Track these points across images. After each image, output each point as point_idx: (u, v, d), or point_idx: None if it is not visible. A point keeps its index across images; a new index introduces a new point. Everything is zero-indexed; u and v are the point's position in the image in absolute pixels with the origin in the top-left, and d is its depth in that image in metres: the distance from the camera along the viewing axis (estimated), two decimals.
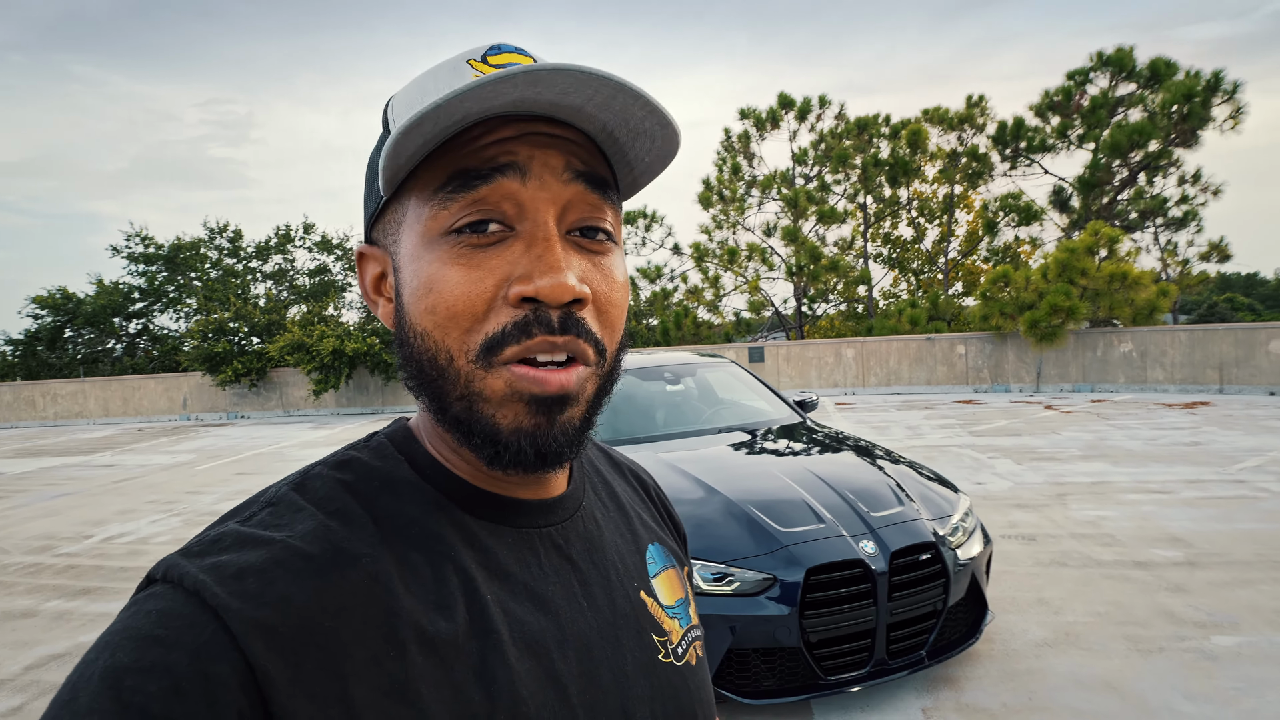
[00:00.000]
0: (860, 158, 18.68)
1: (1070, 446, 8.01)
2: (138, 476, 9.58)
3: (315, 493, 0.50)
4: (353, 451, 0.55)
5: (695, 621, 0.67)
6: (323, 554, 0.45)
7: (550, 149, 0.49)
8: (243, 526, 0.47)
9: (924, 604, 2.92)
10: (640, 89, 0.47)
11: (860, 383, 15.05)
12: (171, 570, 0.43)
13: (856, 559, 2.82)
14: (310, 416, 17.02)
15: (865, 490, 3.20)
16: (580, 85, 0.46)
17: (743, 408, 4.70)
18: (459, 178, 0.48)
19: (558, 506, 0.59)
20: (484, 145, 0.48)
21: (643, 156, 0.54)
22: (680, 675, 0.60)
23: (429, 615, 0.47)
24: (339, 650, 0.43)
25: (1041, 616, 3.70)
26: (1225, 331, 12.13)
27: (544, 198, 0.49)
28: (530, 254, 0.48)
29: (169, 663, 0.38)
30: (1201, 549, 4.54)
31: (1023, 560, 4.51)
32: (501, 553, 0.53)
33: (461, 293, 0.48)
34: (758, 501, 3.09)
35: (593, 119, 0.50)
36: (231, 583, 0.42)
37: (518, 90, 0.45)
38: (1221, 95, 15.20)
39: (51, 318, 22.01)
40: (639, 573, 0.63)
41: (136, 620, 0.41)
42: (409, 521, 0.51)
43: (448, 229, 0.49)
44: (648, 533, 0.68)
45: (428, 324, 0.49)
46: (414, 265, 0.50)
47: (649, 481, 0.77)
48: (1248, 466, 6.66)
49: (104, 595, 4.82)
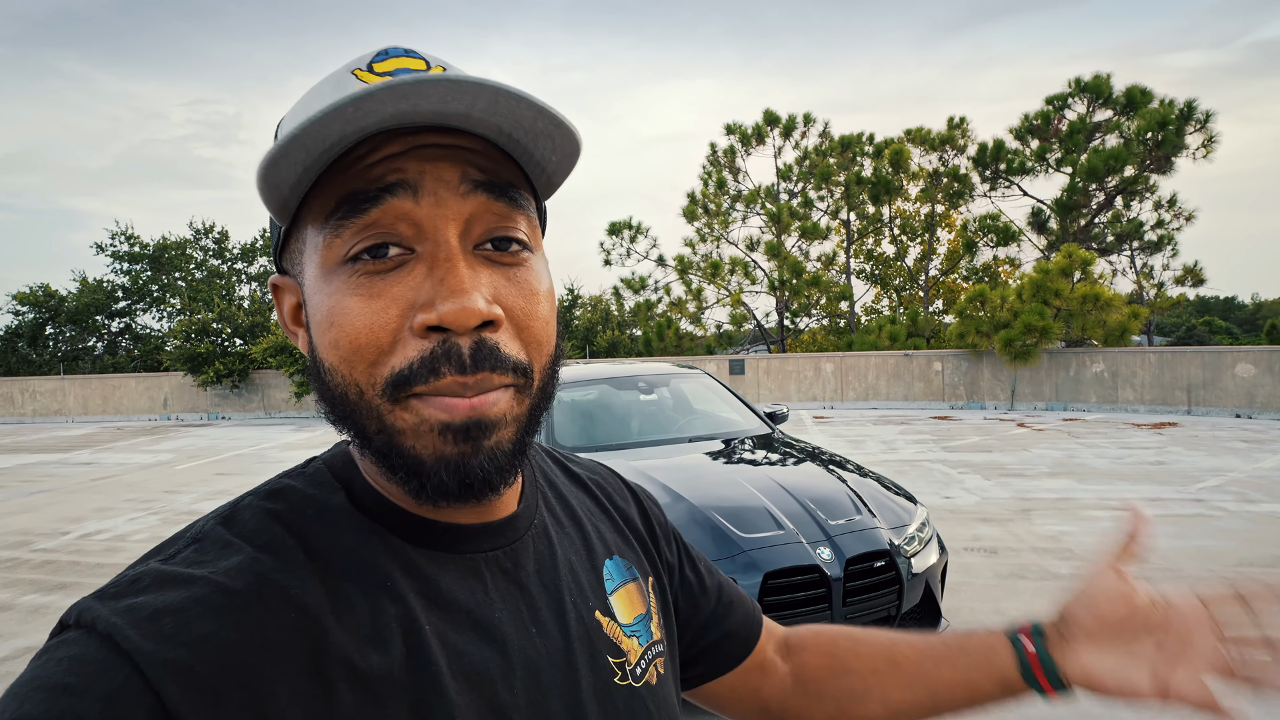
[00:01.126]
0: (843, 175, 18.97)
1: (1039, 464, 8.20)
2: (116, 475, 9.57)
3: (244, 525, 0.48)
4: (287, 480, 0.53)
5: (658, 636, 0.64)
6: (246, 588, 0.43)
7: (442, 161, 0.47)
8: (164, 565, 0.44)
9: (877, 610, 3.05)
10: (522, 91, 0.44)
11: (839, 397, 15.24)
12: (84, 615, 0.41)
13: (813, 564, 2.95)
14: (292, 419, 16.98)
15: (824, 499, 3.33)
16: (454, 92, 0.43)
17: (715, 418, 4.84)
18: (348, 202, 0.46)
19: (505, 528, 0.56)
20: (370, 165, 0.46)
21: (549, 156, 0.50)
22: (639, 697, 0.58)
23: (361, 649, 0.45)
24: (262, 689, 0.41)
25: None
26: (1194, 354, 12.43)
27: (441, 214, 0.46)
28: (433, 277, 0.45)
29: (79, 711, 0.37)
30: (1155, 564, 4.71)
31: (983, 572, 4.65)
32: (444, 581, 0.51)
33: (363, 325, 0.46)
34: (721, 508, 3.22)
35: (484, 123, 0.47)
36: (146, 624, 0.40)
37: (387, 106, 0.42)
38: (1194, 124, 15.61)
39: (33, 314, 21.85)
40: (595, 592, 0.60)
41: (47, 669, 0.39)
42: (344, 552, 0.48)
43: (344, 257, 0.46)
44: (605, 547, 0.65)
45: (334, 359, 0.47)
46: (316, 298, 0.48)
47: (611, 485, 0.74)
48: (1207, 486, 6.87)
49: (80, 590, 4.86)
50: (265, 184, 0.45)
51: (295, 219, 0.50)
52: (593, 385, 4.93)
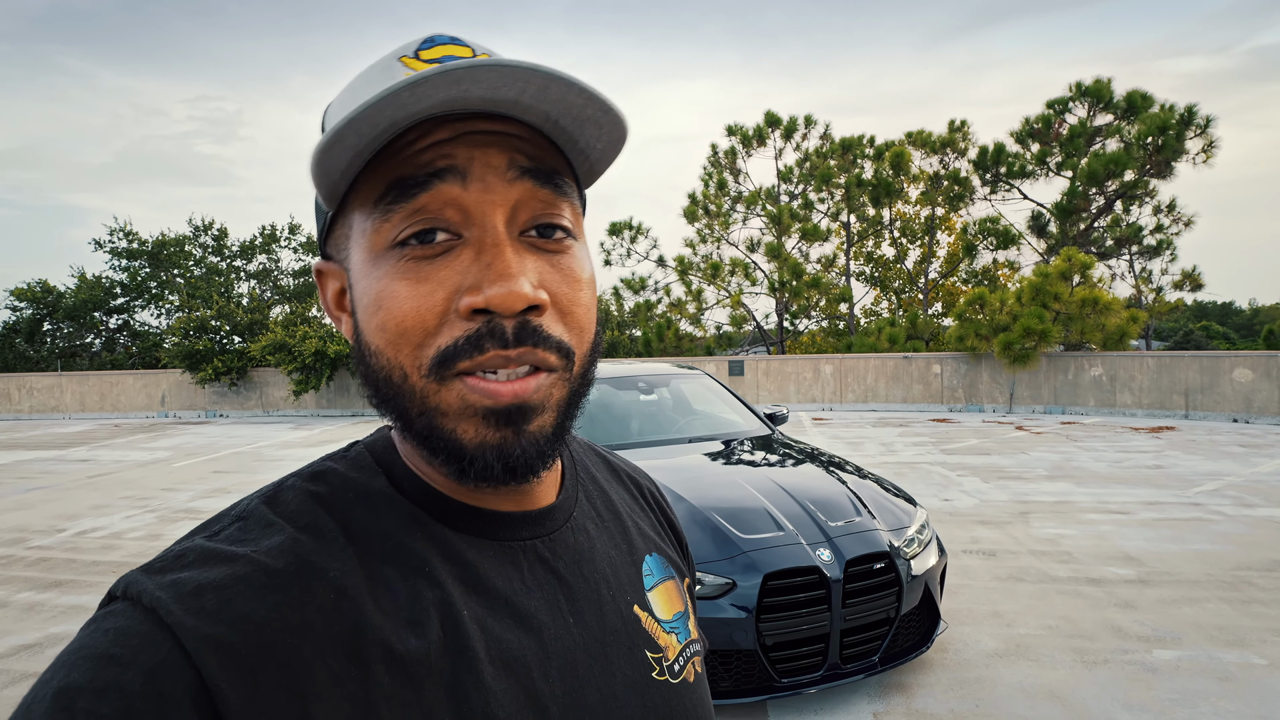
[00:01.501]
0: (844, 177, 18.96)
1: (1037, 467, 8.20)
2: (113, 472, 9.54)
3: (286, 506, 0.49)
4: (329, 462, 0.54)
5: (695, 635, 0.64)
6: (287, 569, 0.44)
7: (491, 147, 0.48)
8: (208, 542, 0.45)
9: (877, 611, 3.05)
10: (573, 77, 0.44)
11: (838, 399, 15.24)
12: (131, 587, 0.42)
13: (813, 566, 2.94)
14: (290, 417, 16.95)
15: (824, 500, 3.32)
16: (508, 79, 0.43)
17: (715, 419, 4.83)
18: (397, 187, 0.47)
19: (545, 518, 0.57)
20: (419, 150, 0.47)
21: (594, 144, 0.51)
22: (676, 693, 0.58)
23: (399, 633, 0.45)
24: (300, 668, 0.41)
25: (994, 628, 3.83)
26: (1191, 358, 12.43)
27: (489, 200, 0.47)
28: (479, 262, 0.46)
29: (123, 682, 0.38)
30: (1153, 568, 4.71)
31: (981, 575, 4.65)
32: (482, 567, 0.51)
33: (411, 308, 0.46)
34: (721, 509, 3.21)
35: (532, 110, 0.47)
36: (189, 600, 0.41)
37: (439, 91, 0.43)
38: (1194, 129, 15.62)
39: (30, 310, 21.80)
40: (633, 586, 0.60)
41: (94, 639, 0.40)
42: (383, 536, 0.49)
43: (392, 242, 0.47)
44: (646, 543, 0.65)
45: (380, 341, 0.48)
46: (364, 282, 0.49)
47: (647, 487, 0.75)
48: (1205, 490, 6.87)
49: (75, 588, 4.84)
50: (319, 168, 0.45)
51: (342, 204, 0.51)
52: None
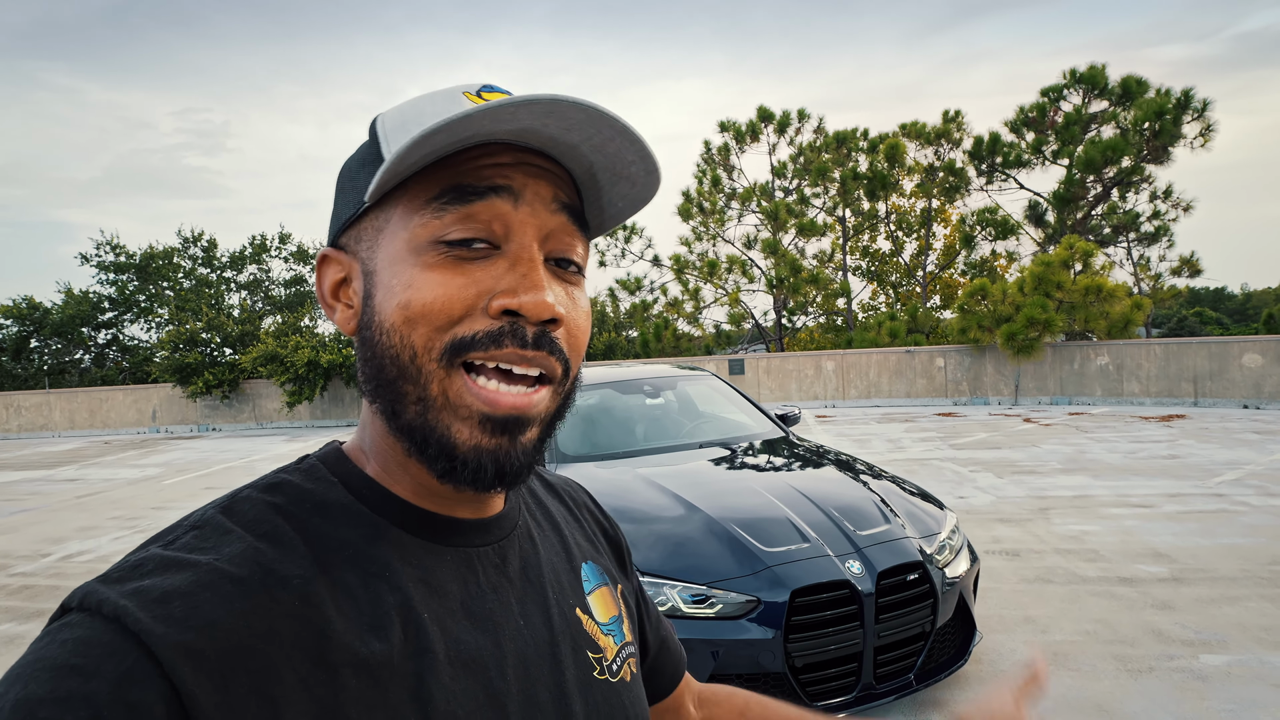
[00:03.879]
0: (839, 171, 18.80)
1: (1050, 460, 8.00)
2: (102, 491, 9.29)
3: (244, 515, 0.49)
4: (284, 474, 0.54)
5: (630, 638, 0.67)
6: (251, 576, 0.44)
7: (542, 180, 0.52)
8: (165, 550, 0.45)
9: (912, 626, 2.83)
10: (638, 133, 0.49)
11: (840, 395, 15.05)
12: (89, 598, 0.41)
13: (843, 580, 2.72)
14: (283, 429, 16.70)
15: (851, 507, 3.10)
16: (585, 124, 0.48)
17: (723, 421, 4.61)
18: (455, 191, 0.49)
19: (494, 525, 0.58)
20: (482, 166, 0.50)
21: (617, 201, 0.57)
22: (615, 691, 0.61)
23: (362, 636, 0.46)
24: (269, 674, 0.42)
25: (1029, 635, 3.62)
26: (1199, 345, 12.26)
27: (532, 223, 0.51)
28: (515, 271, 0.50)
29: (88, 692, 0.37)
30: (1186, 564, 4.50)
31: (1007, 577, 4.44)
32: (440, 571, 0.53)
33: (441, 294, 0.49)
34: (740, 519, 2.99)
35: (583, 160, 0.53)
36: (155, 607, 0.40)
37: (532, 118, 0.47)
38: (1191, 113, 15.49)
39: (17, 327, 21.49)
40: (574, 590, 0.63)
41: (50, 650, 0.39)
42: (342, 543, 0.50)
43: (437, 238, 0.50)
44: (580, 552, 0.69)
45: (397, 318, 0.49)
46: (395, 267, 0.51)
47: (580, 499, 0.78)
48: (1226, 480, 6.68)
49: None
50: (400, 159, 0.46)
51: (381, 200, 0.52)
52: (595, 390, 4.69)
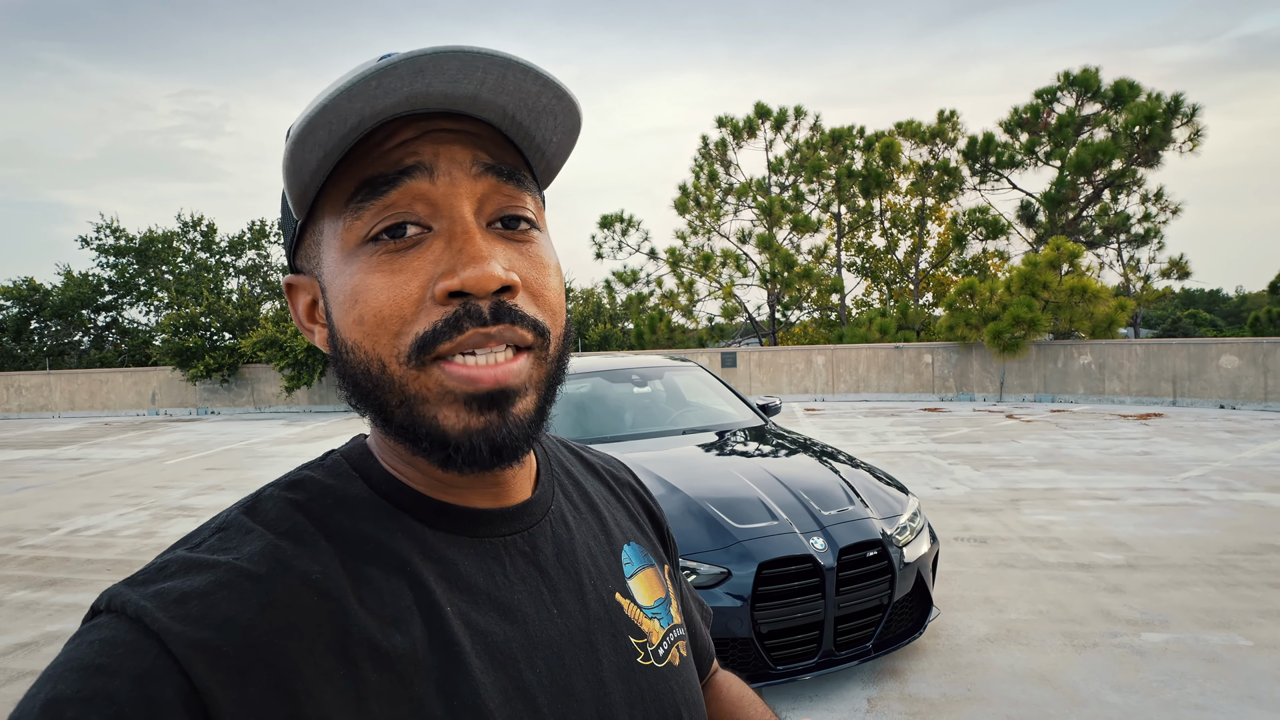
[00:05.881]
0: (834, 168, 18.98)
1: (1027, 454, 8.27)
2: (104, 470, 9.50)
3: (266, 514, 0.50)
4: (306, 471, 0.55)
5: (678, 620, 0.66)
6: (270, 573, 0.45)
7: (454, 144, 0.50)
8: (190, 553, 0.46)
9: (870, 598, 3.08)
10: (529, 62, 0.47)
11: (830, 389, 15.30)
12: (114, 600, 0.43)
13: (806, 554, 2.97)
14: (282, 413, 16.91)
15: (818, 490, 3.36)
16: (467, 68, 0.45)
17: (708, 410, 4.86)
18: (367, 186, 0.48)
19: (522, 513, 0.58)
20: (388, 150, 0.49)
21: (550, 136, 0.53)
22: (661, 677, 0.60)
23: (384, 630, 0.46)
24: (288, 668, 0.42)
25: (986, 614, 3.88)
26: (1179, 346, 12.53)
27: (456, 193, 0.49)
28: (451, 249, 0.48)
29: (111, 690, 0.38)
30: (1142, 553, 4.77)
31: (973, 561, 4.70)
32: (463, 564, 0.52)
33: (387, 298, 0.48)
34: (716, 499, 3.24)
35: (491, 105, 0.50)
36: (174, 607, 0.42)
37: (405, 82, 0.45)
38: (1181, 118, 15.70)
39: (17, 308, 21.60)
40: (614, 575, 0.62)
41: (79, 651, 0.40)
42: (363, 538, 0.50)
43: (364, 238, 0.49)
44: (623, 533, 0.68)
45: (357, 335, 0.49)
46: (338, 280, 0.50)
47: (626, 479, 0.77)
48: (1192, 476, 6.95)
49: (70, 586, 4.84)
50: (292, 164, 0.47)
51: (311, 214, 0.53)
52: (586, 378, 4.94)
